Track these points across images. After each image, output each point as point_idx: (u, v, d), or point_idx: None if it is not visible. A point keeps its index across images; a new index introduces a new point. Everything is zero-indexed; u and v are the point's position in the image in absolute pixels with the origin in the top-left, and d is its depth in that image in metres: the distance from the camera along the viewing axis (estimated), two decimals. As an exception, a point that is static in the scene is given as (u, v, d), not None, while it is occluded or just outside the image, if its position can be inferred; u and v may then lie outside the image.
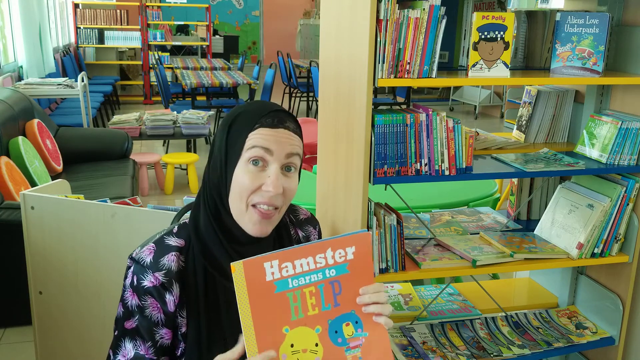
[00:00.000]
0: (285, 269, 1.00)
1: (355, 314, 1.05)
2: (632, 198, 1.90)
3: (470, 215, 2.30)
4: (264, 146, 1.11)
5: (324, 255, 1.03)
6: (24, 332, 2.81)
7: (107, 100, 8.02)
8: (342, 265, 1.04)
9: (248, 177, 1.11)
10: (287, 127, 1.14)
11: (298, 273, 1.01)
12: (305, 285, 1.01)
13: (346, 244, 1.04)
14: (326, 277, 1.03)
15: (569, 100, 2.14)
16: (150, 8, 9.38)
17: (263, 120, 1.12)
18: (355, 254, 1.04)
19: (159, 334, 1.15)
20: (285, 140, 1.13)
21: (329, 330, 1.03)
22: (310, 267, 1.02)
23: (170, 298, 1.13)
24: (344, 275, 1.04)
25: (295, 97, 9.13)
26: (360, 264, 1.05)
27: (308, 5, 14.85)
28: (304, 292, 1.01)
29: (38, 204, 2.09)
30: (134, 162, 4.48)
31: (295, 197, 1.21)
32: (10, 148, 3.49)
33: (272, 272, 0.99)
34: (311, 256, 1.02)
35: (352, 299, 1.05)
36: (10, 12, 5.74)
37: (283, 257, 1.00)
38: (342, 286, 1.04)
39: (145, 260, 1.14)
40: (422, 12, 1.56)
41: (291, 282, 1.01)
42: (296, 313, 1.01)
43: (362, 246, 1.05)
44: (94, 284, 2.11)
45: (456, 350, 1.92)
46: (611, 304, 2.06)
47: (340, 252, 1.03)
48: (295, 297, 1.01)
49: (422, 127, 1.65)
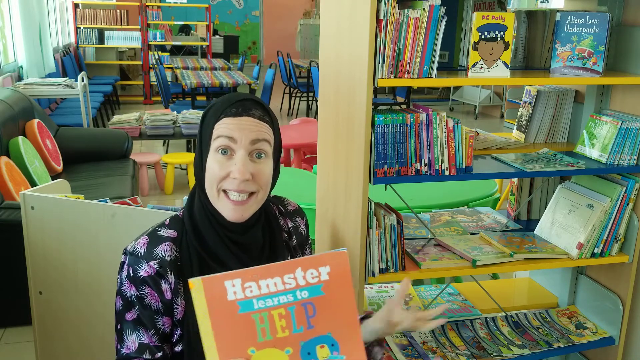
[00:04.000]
0: (249, 288, 0.95)
1: (332, 337, 0.99)
2: (632, 198, 1.90)
3: (470, 215, 2.30)
4: (227, 135, 1.16)
5: (294, 276, 0.96)
6: (24, 332, 2.80)
7: (107, 100, 8.02)
8: (315, 286, 0.97)
9: (217, 165, 1.16)
10: (252, 115, 1.18)
11: (264, 294, 0.95)
12: (274, 307, 0.95)
13: (318, 263, 0.98)
14: (297, 299, 0.97)
15: (569, 100, 2.14)
16: (150, 8, 9.37)
17: (228, 110, 1.17)
18: (331, 275, 0.98)
19: (160, 321, 1.18)
20: (249, 127, 1.16)
21: (301, 351, 0.97)
22: (277, 287, 0.96)
23: (166, 286, 1.17)
24: (318, 298, 0.98)
25: (295, 97, 9.13)
26: (337, 285, 0.99)
27: (308, 5, 14.85)
28: (271, 314, 0.95)
29: (38, 204, 2.09)
30: (134, 162, 4.48)
31: (295, 197, 1.22)
32: (10, 148, 3.49)
33: (234, 292, 0.94)
34: (278, 276, 0.96)
35: (328, 321, 0.99)
36: (10, 12, 5.74)
37: (245, 277, 0.95)
38: (316, 308, 0.98)
39: (139, 251, 1.18)
40: (422, 12, 1.56)
41: (256, 302, 0.95)
42: (263, 335, 0.95)
43: (338, 266, 0.99)
44: (94, 283, 2.11)
45: (456, 350, 1.92)
46: (611, 304, 2.06)
47: (312, 273, 0.97)
48: (262, 318, 0.95)
49: (422, 127, 1.65)
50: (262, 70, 8.15)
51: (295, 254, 1.38)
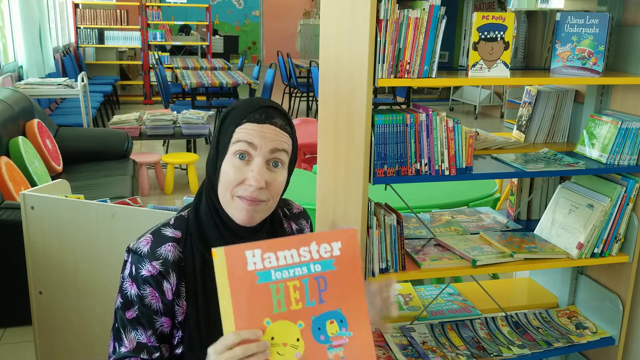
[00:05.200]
0: (268, 259, 0.98)
1: (341, 313, 1.03)
2: (632, 198, 1.90)
3: (470, 215, 2.30)
4: (248, 140, 1.14)
5: (308, 249, 1.01)
6: (24, 332, 2.80)
7: (107, 100, 8.02)
8: (327, 260, 1.02)
9: (233, 170, 1.15)
10: (274, 123, 1.16)
11: (282, 265, 0.99)
12: (289, 278, 1.00)
13: (331, 238, 1.02)
14: (311, 272, 1.01)
15: (569, 100, 2.14)
16: (150, 8, 9.37)
17: (251, 115, 1.16)
18: (342, 250, 1.02)
19: (159, 322, 1.17)
20: (270, 136, 1.15)
21: (312, 326, 1.01)
22: (294, 260, 1.00)
23: (168, 286, 1.16)
24: (329, 272, 1.02)
25: (295, 97, 9.13)
26: (347, 261, 1.03)
27: (308, 5, 14.85)
28: (287, 286, 0.99)
29: (38, 204, 2.09)
30: (134, 162, 4.48)
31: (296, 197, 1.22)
32: (10, 148, 3.49)
33: (254, 262, 0.98)
34: (295, 249, 1.00)
35: (338, 296, 1.02)
36: (10, 12, 5.74)
37: (266, 247, 0.99)
38: (327, 283, 1.02)
39: (142, 250, 1.17)
40: (422, 12, 1.56)
41: (274, 274, 0.99)
42: (279, 306, 0.99)
43: (348, 242, 1.03)
44: (94, 283, 2.11)
45: (456, 350, 1.92)
46: (611, 304, 2.06)
47: (325, 247, 1.01)
48: (278, 289, 0.99)
49: (422, 127, 1.66)
50: (262, 70, 8.16)
51: None
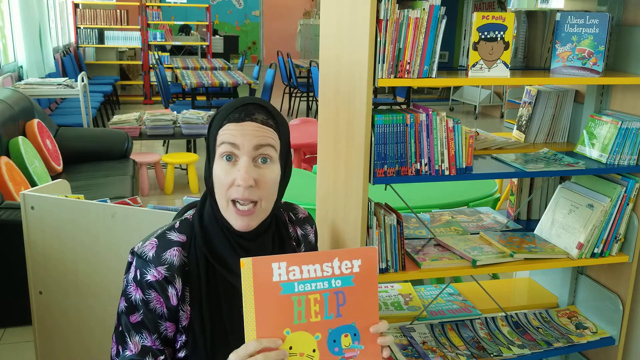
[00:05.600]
0: (292, 272, 1.02)
1: (355, 327, 1.07)
2: (632, 198, 1.90)
3: (470, 215, 2.30)
4: (230, 141, 1.15)
5: (331, 265, 1.05)
6: (24, 332, 2.80)
7: (107, 100, 8.02)
8: (347, 277, 1.06)
9: (222, 172, 1.16)
10: (254, 119, 1.16)
11: (305, 278, 1.03)
12: (311, 291, 1.04)
13: (353, 256, 1.06)
14: (332, 287, 1.05)
15: (569, 100, 2.14)
16: (150, 8, 9.37)
17: (230, 115, 1.16)
18: (361, 267, 1.06)
19: (163, 326, 1.17)
20: (252, 132, 1.15)
21: (328, 338, 1.05)
22: (317, 274, 1.04)
23: (173, 292, 1.16)
24: (348, 288, 1.06)
25: (295, 97, 9.13)
26: (365, 279, 1.07)
27: (308, 5, 14.85)
28: (308, 299, 1.03)
29: (38, 204, 2.09)
30: (134, 162, 4.48)
31: (296, 197, 1.22)
32: (10, 148, 3.49)
33: (279, 274, 1.01)
34: (318, 263, 1.04)
35: (354, 311, 1.07)
36: (10, 12, 5.74)
37: (291, 260, 1.02)
38: (346, 298, 1.06)
39: (147, 254, 1.16)
40: (422, 12, 1.56)
41: (297, 286, 1.03)
42: (299, 317, 1.03)
43: (368, 260, 1.07)
44: (94, 284, 2.11)
45: (456, 350, 1.92)
46: (611, 304, 2.06)
47: (346, 264, 1.06)
48: (299, 301, 1.03)
49: (422, 127, 1.65)
50: (262, 70, 8.16)
51: None
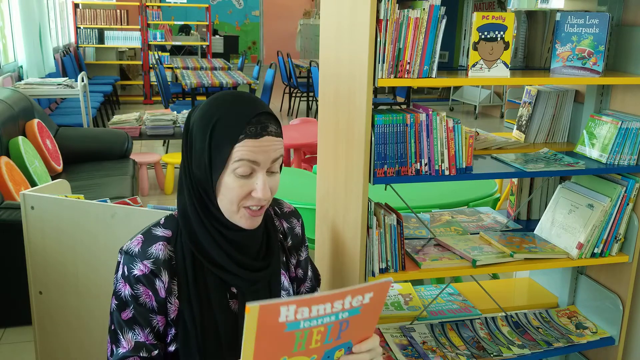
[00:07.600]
0: (300, 312, 0.97)
1: (351, 342, 1.06)
2: (632, 198, 1.90)
3: (470, 215, 2.30)
4: (250, 159, 1.13)
5: (342, 302, 1.00)
6: (24, 332, 2.80)
7: (107, 100, 8.02)
8: (356, 308, 1.02)
9: (238, 185, 1.14)
10: (270, 133, 1.14)
11: (313, 317, 0.98)
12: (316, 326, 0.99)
13: (366, 291, 1.02)
14: (338, 319, 1.01)
15: (569, 100, 2.14)
16: (150, 8, 9.37)
17: (247, 129, 1.12)
18: (372, 299, 1.03)
19: (155, 320, 1.18)
20: (270, 148, 1.14)
21: (323, 357, 1.04)
22: (326, 312, 0.99)
23: (160, 285, 1.17)
24: (354, 316, 1.03)
25: (295, 97, 9.13)
26: (372, 307, 1.04)
27: (308, 5, 14.85)
28: (312, 331, 0.99)
29: (38, 204, 2.09)
30: (134, 162, 4.48)
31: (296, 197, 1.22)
32: (10, 148, 3.49)
33: (286, 315, 0.96)
34: (329, 302, 0.99)
35: (354, 332, 1.05)
36: (10, 12, 5.74)
37: (301, 302, 0.97)
38: (349, 324, 1.03)
39: (133, 250, 1.18)
40: (422, 12, 1.56)
41: (303, 323, 0.98)
42: (299, 347, 1.00)
43: (379, 293, 1.04)
44: (94, 284, 2.11)
45: (456, 350, 1.92)
46: (611, 304, 2.06)
47: (358, 298, 1.02)
48: (302, 334, 0.99)
49: (422, 127, 1.65)
50: (262, 70, 8.16)
51: (290, 255, 1.38)
